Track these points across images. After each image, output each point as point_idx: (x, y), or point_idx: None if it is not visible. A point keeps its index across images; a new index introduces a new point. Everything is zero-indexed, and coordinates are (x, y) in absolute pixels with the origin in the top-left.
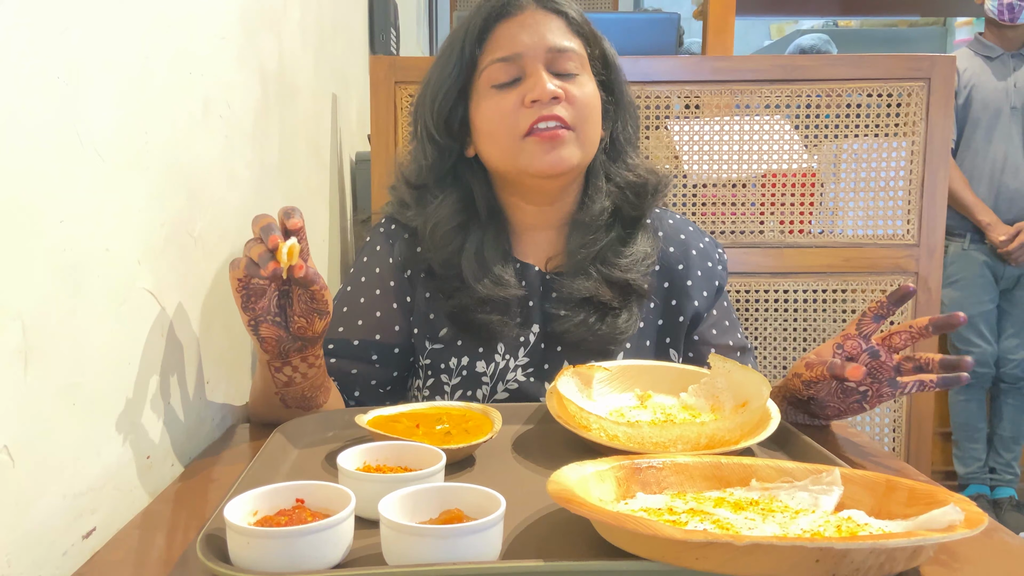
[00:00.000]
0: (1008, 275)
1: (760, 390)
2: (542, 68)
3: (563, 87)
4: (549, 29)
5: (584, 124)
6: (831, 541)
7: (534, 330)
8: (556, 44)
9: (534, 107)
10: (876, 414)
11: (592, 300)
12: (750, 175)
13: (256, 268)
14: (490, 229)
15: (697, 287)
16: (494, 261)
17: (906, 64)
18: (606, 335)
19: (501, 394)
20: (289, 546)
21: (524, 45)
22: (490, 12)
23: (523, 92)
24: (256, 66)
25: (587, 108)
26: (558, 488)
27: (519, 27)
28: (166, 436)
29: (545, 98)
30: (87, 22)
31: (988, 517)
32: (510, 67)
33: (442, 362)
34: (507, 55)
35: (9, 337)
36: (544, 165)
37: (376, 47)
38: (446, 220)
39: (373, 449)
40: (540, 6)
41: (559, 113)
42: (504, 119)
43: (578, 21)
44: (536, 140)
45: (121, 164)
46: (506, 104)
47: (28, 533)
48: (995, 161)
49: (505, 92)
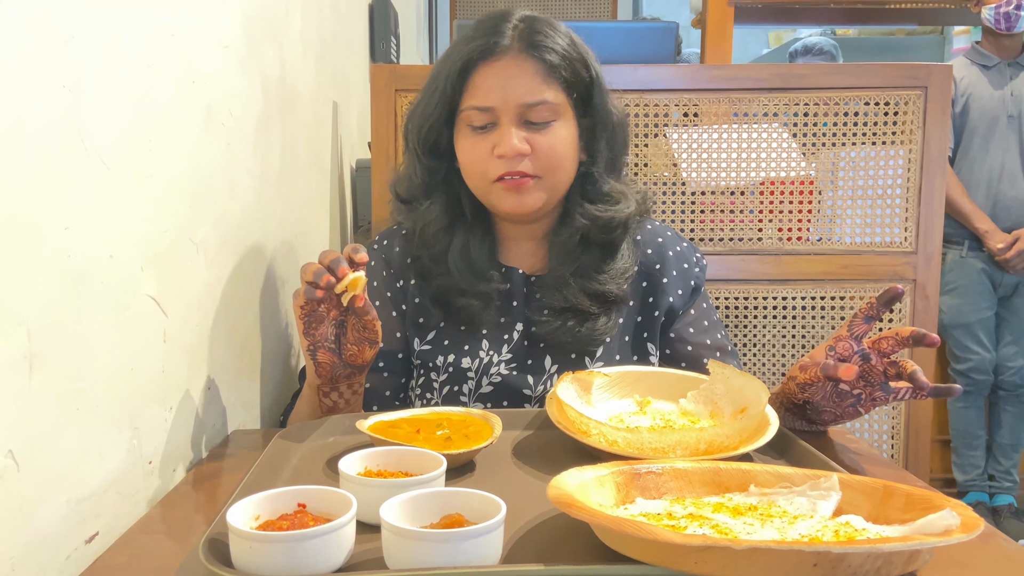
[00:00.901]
0: (1006, 283)
1: (759, 396)
2: (512, 123)
3: (531, 139)
4: (525, 81)
5: (550, 172)
6: (828, 545)
7: (517, 328)
8: (528, 100)
9: (502, 160)
10: (875, 421)
11: (572, 308)
12: (748, 183)
13: (314, 291)
14: (476, 230)
15: (673, 284)
16: (479, 260)
17: (903, 72)
18: (585, 337)
19: (486, 387)
20: (291, 550)
21: (498, 98)
22: (470, 54)
23: (493, 142)
24: (258, 74)
25: (554, 157)
26: (558, 493)
27: (496, 75)
28: (168, 442)
29: (510, 155)
30: (92, 31)
31: (984, 522)
32: (484, 115)
33: (430, 360)
34: (481, 105)
35: (14, 343)
36: (509, 208)
37: (376, 55)
38: (434, 221)
39: (374, 454)
40: (521, 51)
41: (523, 168)
42: (476, 164)
43: (558, 64)
44: (503, 186)
45: (125, 171)
46: (479, 150)
47: (32, 537)
48: (992, 169)
49: (480, 136)
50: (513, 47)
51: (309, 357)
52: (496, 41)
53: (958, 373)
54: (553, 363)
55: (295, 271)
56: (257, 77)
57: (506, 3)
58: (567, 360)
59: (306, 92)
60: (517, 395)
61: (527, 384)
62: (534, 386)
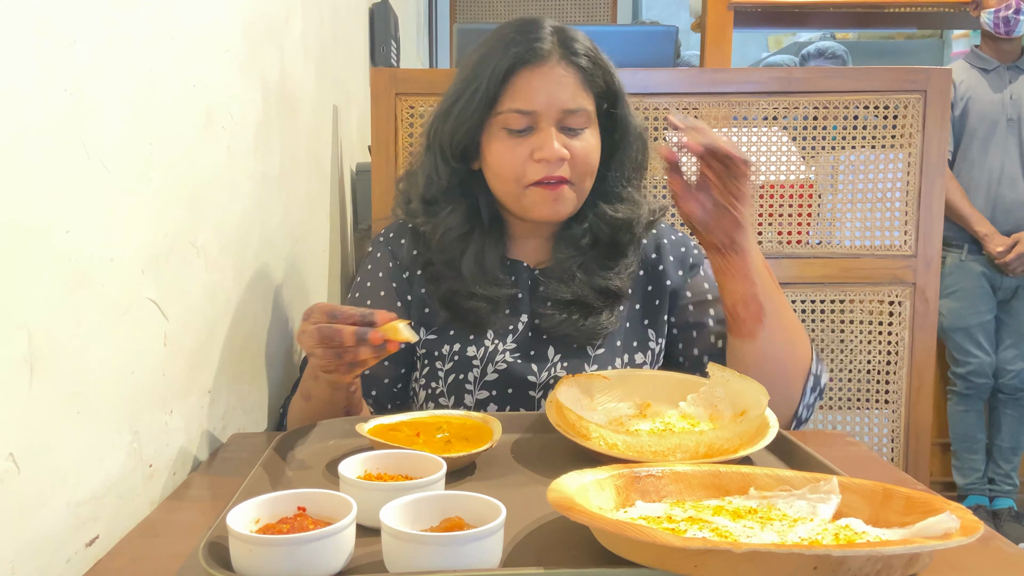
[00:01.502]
0: (1006, 286)
1: (758, 399)
2: (554, 128)
3: (569, 145)
4: (566, 87)
5: (582, 178)
6: (828, 549)
7: (523, 319)
8: (569, 106)
9: (542, 164)
10: (874, 424)
11: (576, 301)
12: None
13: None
14: (491, 236)
15: (670, 268)
16: (492, 264)
17: (903, 76)
18: (588, 331)
19: (491, 375)
20: (291, 554)
21: (541, 103)
22: (516, 58)
23: (533, 145)
24: (258, 78)
25: (587, 164)
26: (558, 496)
27: (540, 80)
28: (168, 445)
29: (553, 159)
30: (94, 36)
31: (984, 525)
32: (525, 118)
33: (436, 349)
34: (524, 108)
35: (15, 346)
36: (544, 214)
37: (377, 59)
38: (455, 228)
39: (374, 458)
40: (562, 57)
41: (563, 173)
42: (514, 167)
43: (594, 73)
44: (540, 190)
45: (126, 175)
46: (517, 154)
47: (32, 540)
48: (992, 172)
49: (517, 139)
50: (555, 53)
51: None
52: (539, 46)
53: (958, 376)
54: (556, 352)
55: (295, 274)
56: (257, 81)
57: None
58: (570, 349)
59: (306, 96)
60: (522, 383)
61: (532, 371)
62: (538, 373)
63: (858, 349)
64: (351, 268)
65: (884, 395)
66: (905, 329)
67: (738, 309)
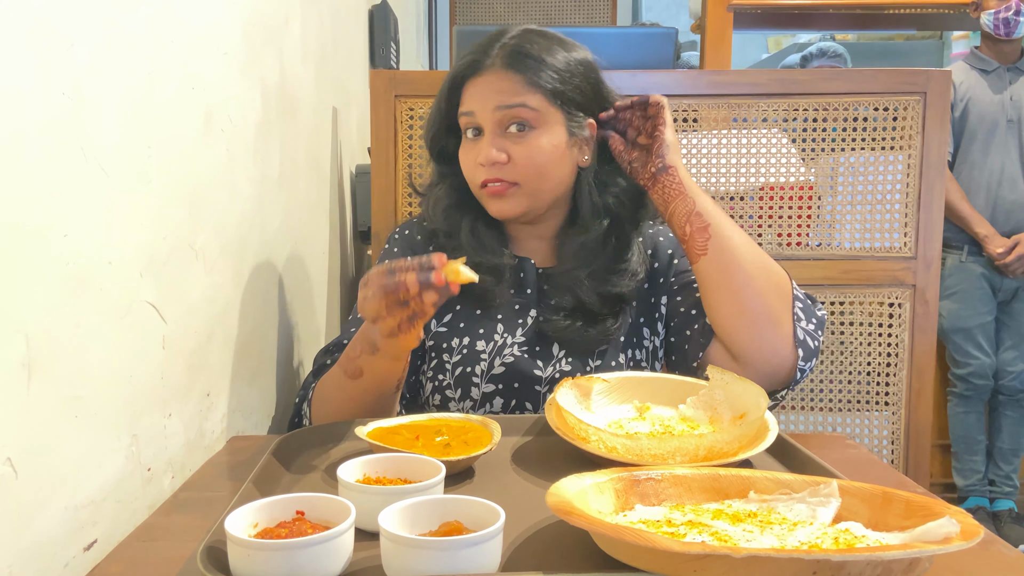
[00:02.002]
0: (1006, 287)
1: (758, 402)
2: (492, 132)
3: (508, 149)
4: (502, 87)
5: (530, 179)
6: (828, 553)
7: (531, 314)
8: (504, 102)
9: (483, 167)
10: (874, 427)
11: (581, 308)
12: (748, 188)
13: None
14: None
15: (663, 264)
16: (489, 238)
17: (902, 78)
18: (594, 339)
19: (498, 368)
20: (289, 558)
21: (477, 104)
22: (459, 71)
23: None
24: (258, 80)
25: (531, 166)
26: (557, 500)
27: (478, 88)
28: (167, 449)
29: (486, 164)
30: (92, 39)
31: (984, 529)
32: (470, 120)
33: (445, 342)
34: (466, 111)
35: (13, 350)
36: (494, 213)
37: (376, 61)
38: (444, 197)
39: (373, 461)
40: (502, 66)
41: (501, 176)
42: (469, 171)
43: (543, 75)
44: (486, 193)
45: (125, 178)
46: (468, 158)
47: (30, 545)
48: (992, 174)
49: (471, 144)
50: (496, 63)
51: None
52: (481, 59)
53: (958, 378)
54: (561, 349)
55: (295, 276)
56: (257, 83)
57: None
58: (576, 351)
59: (306, 98)
60: (528, 377)
61: (537, 367)
62: (544, 368)
63: (858, 351)
64: (351, 270)
65: (884, 397)
66: (905, 331)
67: (685, 229)
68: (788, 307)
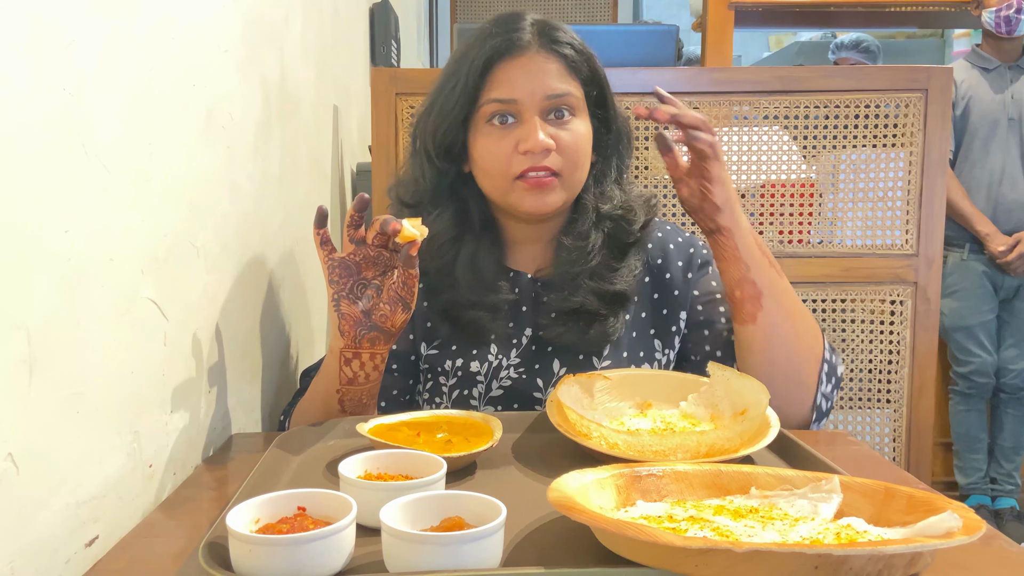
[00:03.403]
0: (1007, 285)
1: (759, 398)
2: (537, 117)
3: (555, 135)
4: (547, 74)
5: (572, 169)
6: (830, 548)
7: (526, 333)
8: (552, 91)
9: (527, 155)
10: (876, 424)
11: (580, 310)
12: (749, 185)
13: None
14: (484, 240)
15: (677, 275)
16: (487, 269)
17: (903, 76)
18: (594, 339)
19: (496, 391)
20: (291, 554)
21: (522, 91)
22: (494, 51)
23: (518, 137)
24: (258, 78)
25: (576, 154)
26: (558, 496)
27: (519, 70)
28: (168, 445)
29: (537, 150)
30: (93, 35)
31: (986, 524)
32: (507, 109)
33: (439, 365)
34: (505, 98)
35: (14, 347)
36: (530, 207)
37: (377, 59)
38: (442, 233)
39: (374, 457)
40: (542, 47)
41: (549, 164)
42: (498, 161)
43: (578, 61)
44: (525, 185)
45: (125, 175)
46: (502, 147)
47: (31, 541)
48: (993, 172)
49: (501, 132)
50: (534, 43)
51: (333, 309)
52: (518, 37)
53: (960, 376)
54: (562, 366)
55: (295, 274)
56: (257, 81)
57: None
58: (575, 361)
59: (306, 96)
60: (527, 399)
61: (537, 387)
62: (544, 388)
63: (860, 348)
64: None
65: (886, 394)
66: (907, 328)
67: (735, 292)
68: (816, 372)
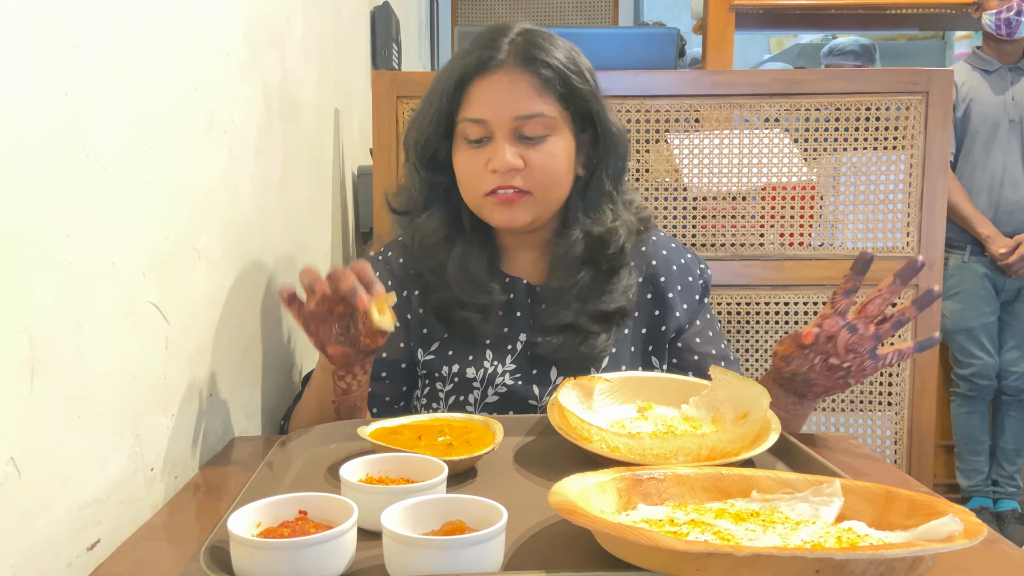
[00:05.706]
0: (1009, 287)
1: (760, 401)
2: (506, 137)
3: (525, 155)
4: (519, 94)
5: (543, 188)
6: (831, 552)
7: (521, 339)
8: (522, 112)
9: (495, 174)
10: (877, 426)
11: (573, 326)
12: (750, 188)
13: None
14: (475, 241)
15: (678, 299)
16: (478, 271)
17: (904, 78)
18: (586, 356)
19: (492, 397)
20: (292, 557)
21: (491, 111)
22: (465, 69)
23: (487, 156)
24: (260, 81)
25: (547, 174)
26: (560, 499)
27: (491, 88)
28: (170, 449)
29: (503, 171)
30: (95, 39)
31: (987, 528)
32: (479, 128)
33: (435, 371)
34: (475, 117)
35: (16, 350)
36: (499, 222)
37: (378, 62)
38: (433, 233)
39: (375, 461)
40: (516, 65)
41: (516, 183)
42: (471, 178)
43: (554, 78)
44: (494, 200)
45: (127, 179)
46: (474, 164)
47: (33, 544)
48: (994, 174)
49: (475, 149)
50: (508, 61)
51: (320, 351)
52: (491, 55)
53: (961, 378)
54: (559, 374)
55: (297, 278)
56: (259, 84)
57: (507, 11)
58: (572, 371)
59: (308, 99)
60: (523, 405)
61: (532, 394)
62: (540, 396)
63: None
64: None
65: (887, 397)
66: (908, 330)
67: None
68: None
